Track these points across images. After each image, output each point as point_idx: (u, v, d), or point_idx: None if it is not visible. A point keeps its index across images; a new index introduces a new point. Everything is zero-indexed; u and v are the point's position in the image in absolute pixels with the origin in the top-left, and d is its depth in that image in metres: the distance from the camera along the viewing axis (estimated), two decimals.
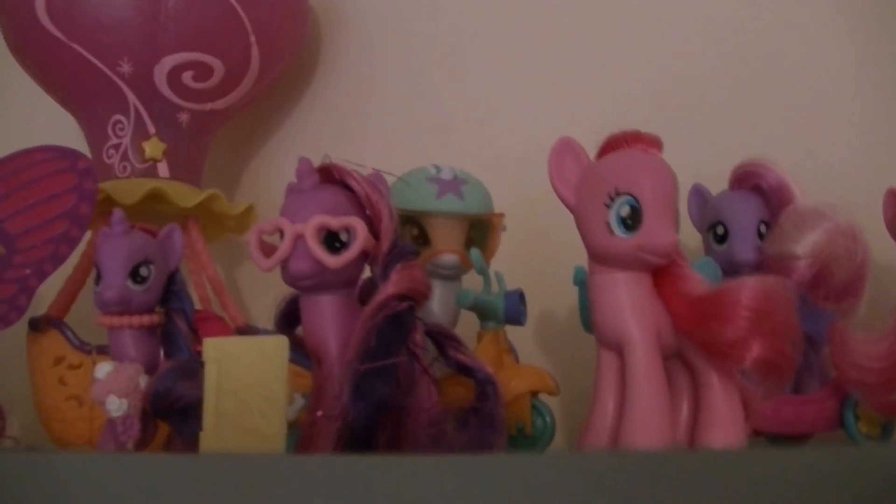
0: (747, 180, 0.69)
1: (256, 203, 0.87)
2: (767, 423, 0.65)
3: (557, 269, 0.75)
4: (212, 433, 0.53)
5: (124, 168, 0.81)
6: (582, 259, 0.67)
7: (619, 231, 0.52)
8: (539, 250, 0.78)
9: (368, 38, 0.96)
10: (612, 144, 0.54)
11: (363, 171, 0.58)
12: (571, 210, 0.54)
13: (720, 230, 0.69)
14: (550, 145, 0.55)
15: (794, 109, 0.85)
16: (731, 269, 0.67)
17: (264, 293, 0.92)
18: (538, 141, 0.86)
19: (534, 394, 0.66)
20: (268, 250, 0.57)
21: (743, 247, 0.67)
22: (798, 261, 0.63)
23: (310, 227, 0.54)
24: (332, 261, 0.54)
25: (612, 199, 0.52)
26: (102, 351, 0.76)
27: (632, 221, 0.51)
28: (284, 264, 0.56)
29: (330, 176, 0.58)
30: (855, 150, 0.83)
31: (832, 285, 0.64)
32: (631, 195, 0.51)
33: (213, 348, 0.54)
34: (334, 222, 0.55)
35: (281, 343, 0.53)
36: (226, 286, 0.84)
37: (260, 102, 0.91)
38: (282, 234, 0.56)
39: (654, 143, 0.53)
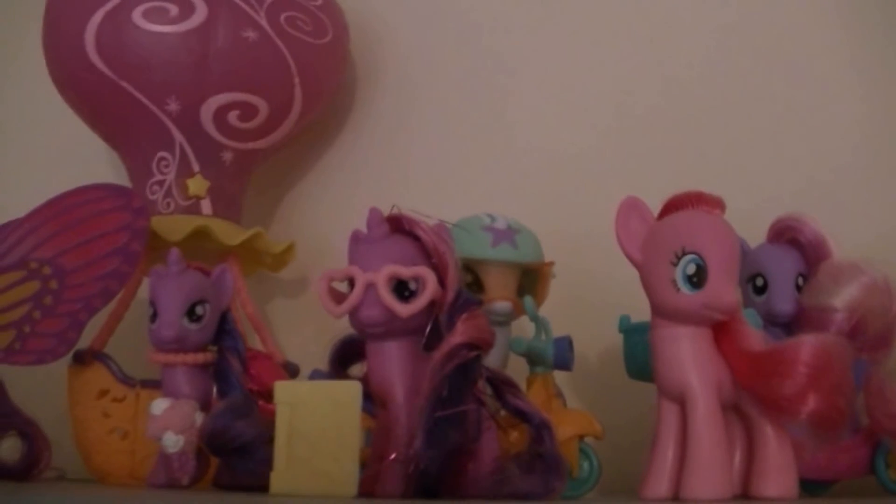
0: (785, 234, 0.72)
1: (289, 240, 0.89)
2: (802, 469, 0.67)
3: (590, 313, 0.78)
4: (283, 475, 0.55)
5: (168, 204, 0.82)
6: (616, 303, 0.71)
7: (684, 288, 0.54)
8: (571, 295, 0.80)
9: (408, 78, 0.98)
10: (676, 204, 0.56)
11: (428, 220, 0.60)
12: (637, 266, 0.56)
13: (759, 282, 0.71)
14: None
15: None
16: (770, 320, 0.70)
17: (294, 330, 0.93)
18: (572, 189, 0.90)
19: (581, 437, 0.68)
20: (337, 297, 0.59)
21: (782, 298, 0.70)
22: (836, 313, 0.66)
23: (381, 276, 0.56)
24: (403, 309, 0.56)
25: (678, 258, 0.54)
26: (146, 385, 0.77)
27: (697, 279, 0.54)
28: (354, 311, 0.58)
29: (398, 225, 0.59)
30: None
31: (867, 337, 0.66)
32: (697, 254, 0.54)
33: (285, 392, 0.56)
34: (405, 272, 0.57)
35: (355, 388, 0.54)
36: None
37: (297, 140, 0.93)
38: (351, 282, 0.58)
39: (717, 203, 0.56)
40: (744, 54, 0.91)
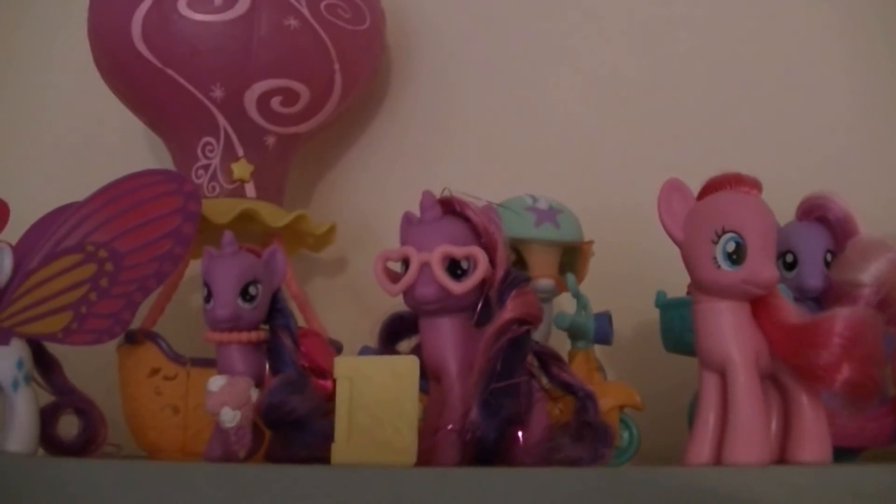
0: (814, 212, 0.74)
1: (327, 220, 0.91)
2: (832, 437, 0.70)
3: (628, 289, 0.81)
4: (344, 446, 0.58)
5: (213, 188, 0.85)
6: (652, 279, 0.74)
7: (724, 265, 0.57)
8: (610, 272, 0.82)
9: (443, 59, 1.01)
10: (716, 185, 0.59)
11: (476, 202, 0.63)
12: (679, 245, 0.59)
13: (789, 258, 0.74)
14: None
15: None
16: (800, 295, 0.72)
17: (333, 308, 0.96)
18: (609, 169, 0.93)
19: (621, 408, 0.71)
20: (392, 277, 0.61)
21: (811, 274, 0.73)
22: (863, 288, 0.69)
23: (436, 256, 0.59)
24: (456, 287, 0.59)
25: (718, 237, 0.57)
26: (197, 363, 0.80)
27: (736, 256, 0.56)
28: (410, 290, 0.60)
29: (449, 207, 0.62)
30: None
31: (894, 310, 0.69)
32: (736, 233, 0.56)
33: (345, 367, 0.59)
34: (458, 251, 0.60)
35: (412, 362, 0.57)
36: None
37: (336, 123, 0.95)
38: (406, 261, 0.61)
39: (754, 184, 0.58)
40: (773, 41, 0.94)
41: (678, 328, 0.70)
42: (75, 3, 0.90)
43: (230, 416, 0.67)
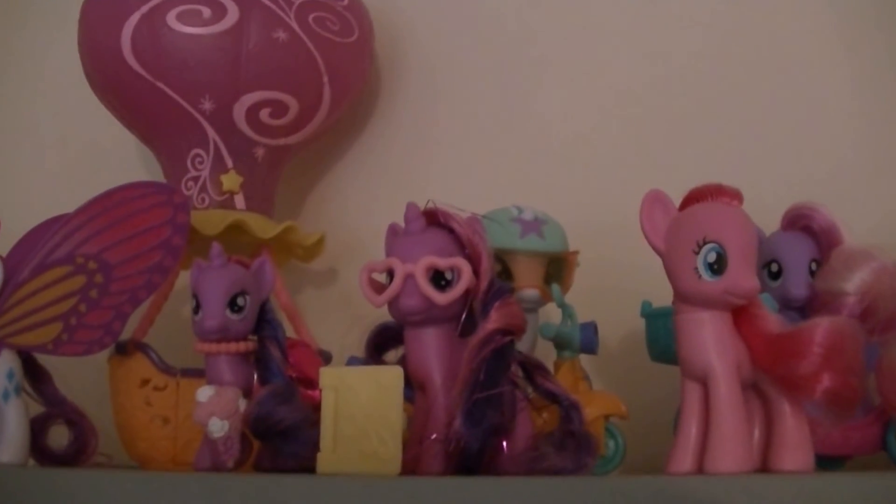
0: (798, 221, 0.75)
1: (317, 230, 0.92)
2: (817, 446, 0.70)
3: (613, 299, 0.82)
4: (329, 456, 0.58)
5: (203, 199, 0.85)
6: (637, 289, 0.74)
7: (706, 275, 0.57)
8: (595, 282, 0.83)
9: (431, 72, 1.02)
10: (697, 196, 0.59)
11: (461, 213, 0.63)
12: (661, 255, 0.60)
13: (774, 267, 0.74)
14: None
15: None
16: (785, 304, 0.73)
17: (323, 318, 0.97)
18: (595, 180, 0.93)
19: (607, 417, 0.72)
20: (377, 287, 0.62)
21: (796, 283, 0.73)
22: (848, 297, 0.69)
23: (420, 267, 0.60)
24: (440, 298, 0.60)
25: (699, 247, 0.57)
26: (186, 374, 0.80)
27: (717, 267, 0.57)
28: (394, 300, 0.61)
29: (433, 219, 0.63)
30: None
31: (878, 320, 0.69)
32: (717, 243, 0.57)
33: (331, 377, 0.59)
34: (442, 263, 0.60)
35: (397, 373, 0.58)
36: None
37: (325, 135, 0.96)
38: (391, 273, 0.61)
39: (735, 195, 0.59)
40: (764, 55, 0.95)
41: (663, 337, 0.70)
42: (67, 18, 0.90)
43: (218, 427, 0.67)
